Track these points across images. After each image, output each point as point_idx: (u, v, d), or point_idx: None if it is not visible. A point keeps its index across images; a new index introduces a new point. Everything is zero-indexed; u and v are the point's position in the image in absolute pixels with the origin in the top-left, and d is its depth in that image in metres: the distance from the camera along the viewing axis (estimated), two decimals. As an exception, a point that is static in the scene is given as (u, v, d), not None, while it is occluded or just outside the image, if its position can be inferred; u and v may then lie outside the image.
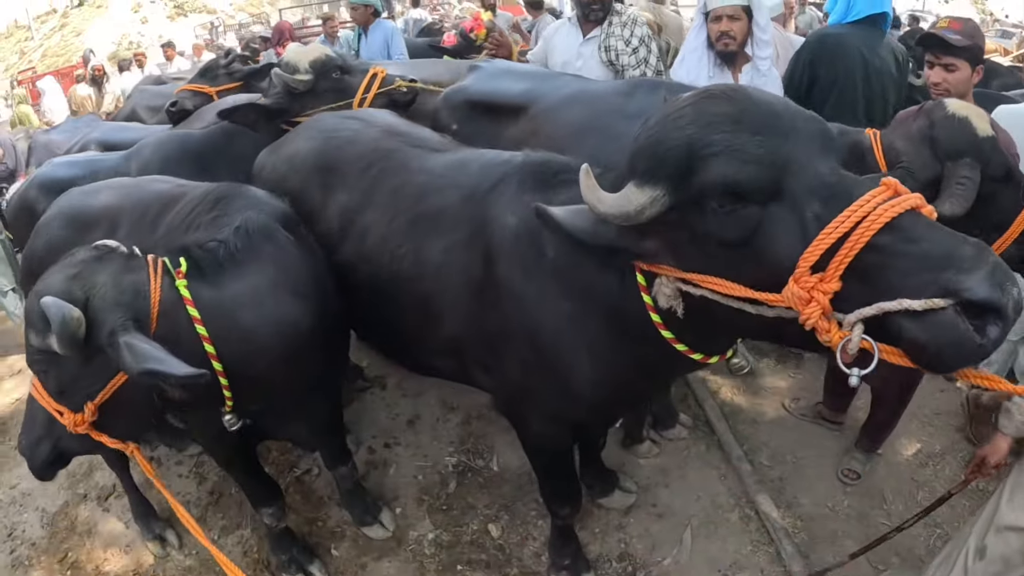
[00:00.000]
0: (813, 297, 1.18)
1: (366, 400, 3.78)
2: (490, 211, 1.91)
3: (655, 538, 2.86)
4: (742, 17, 3.06)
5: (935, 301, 1.07)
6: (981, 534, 2.07)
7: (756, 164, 1.21)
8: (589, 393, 1.93)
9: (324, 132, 2.60)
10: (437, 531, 2.95)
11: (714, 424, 3.38)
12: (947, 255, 1.10)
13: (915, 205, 1.16)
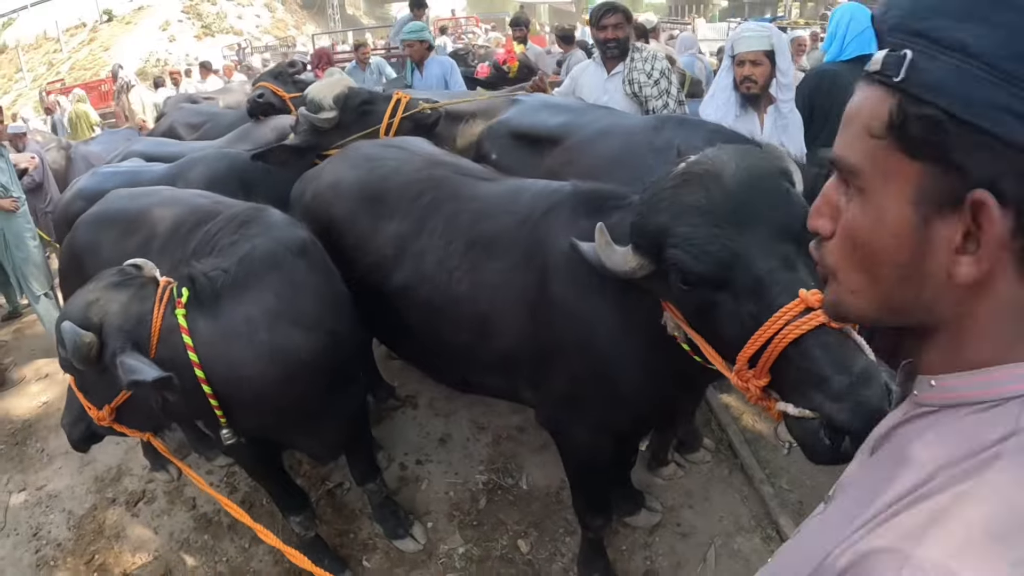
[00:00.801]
0: (749, 388, 1.43)
1: (397, 419, 3.88)
2: (545, 235, 2.05)
3: (680, 556, 2.93)
4: (764, 62, 3.19)
5: (807, 412, 1.32)
6: None
7: (706, 261, 1.42)
8: (633, 399, 2.06)
9: (368, 161, 2.74)
10: (468, 545, 3.04)
11: (737, 448, 3.46)
12: (823, 379, 1.30)
13: (820, 323, 1.32)
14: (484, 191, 2.39)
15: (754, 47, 3.16)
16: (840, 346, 1.33)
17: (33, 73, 27.81)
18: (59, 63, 27.89)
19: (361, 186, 2.64)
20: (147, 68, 25.42)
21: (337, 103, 3.28)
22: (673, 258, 1.46)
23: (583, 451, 2.41)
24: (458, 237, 2.28)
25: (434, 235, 2.35)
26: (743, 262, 1.39)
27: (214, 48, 26.09)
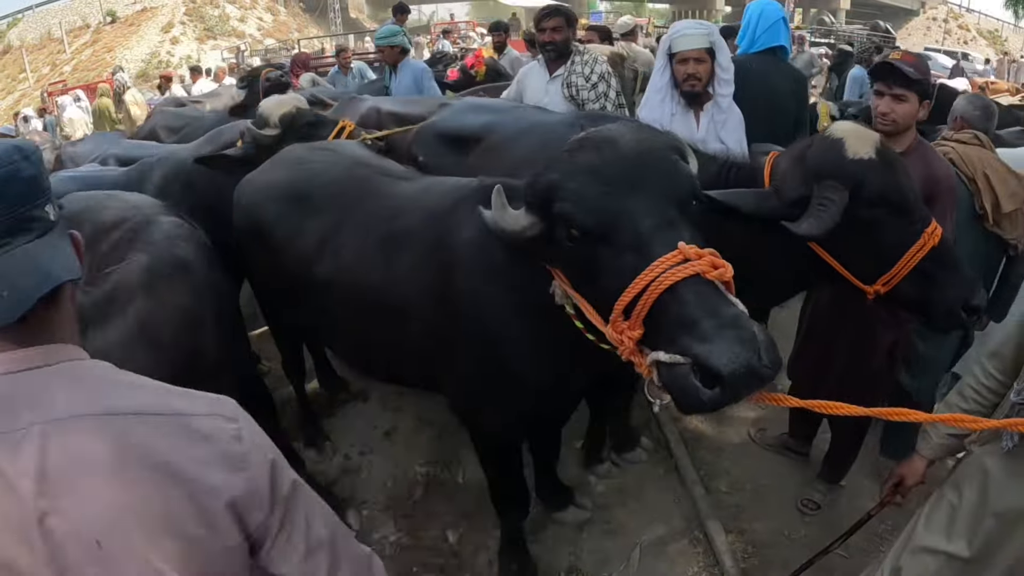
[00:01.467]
0: (623, 340, 1.44)
1: (348, 411, 3.98)
2: (450, 229, 2.15)
3: (604, 554, 2.99)
4: (706, 59, 3.20)
5: (678, 357, 1.32)
6: (897, 555, 2.09)
7: (589, 210, 1.49)
8: (533, 382, 2.14)
9: (297, 163, 2.85)
10: (399, 534, 3.12)
11: (673, 448, 3.52)
12: (693, 323, 1.32)
13: (695, 272, 1.37)
14: (400, 189, 2.50)
15: (695, 45, 3.16)
16: (713, 295, 1.38)
17: (37, 74, 28.06)
18: (62, 64, 28.14)
19: (288, 187, 2.74)
20: (149, 70, 25.66)
21: (283, 122, 3.36)
22: (561, 211, 1.53)
23: (491, 438, 2.50)
24: (373, 233, 2.38)
25: (352, 231, 2.45)
26: (627, 217, 1.46)
27: (215, 51, 26.36)
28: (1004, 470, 1.79)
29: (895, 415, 1.42)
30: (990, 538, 1.81)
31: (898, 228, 2.01)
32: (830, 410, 1.40)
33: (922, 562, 1.97)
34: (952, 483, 1.96)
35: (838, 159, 2.00)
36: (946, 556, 1.90)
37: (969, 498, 1.87)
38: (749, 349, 1.26)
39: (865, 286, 2.09)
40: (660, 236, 1.43)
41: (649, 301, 1.38)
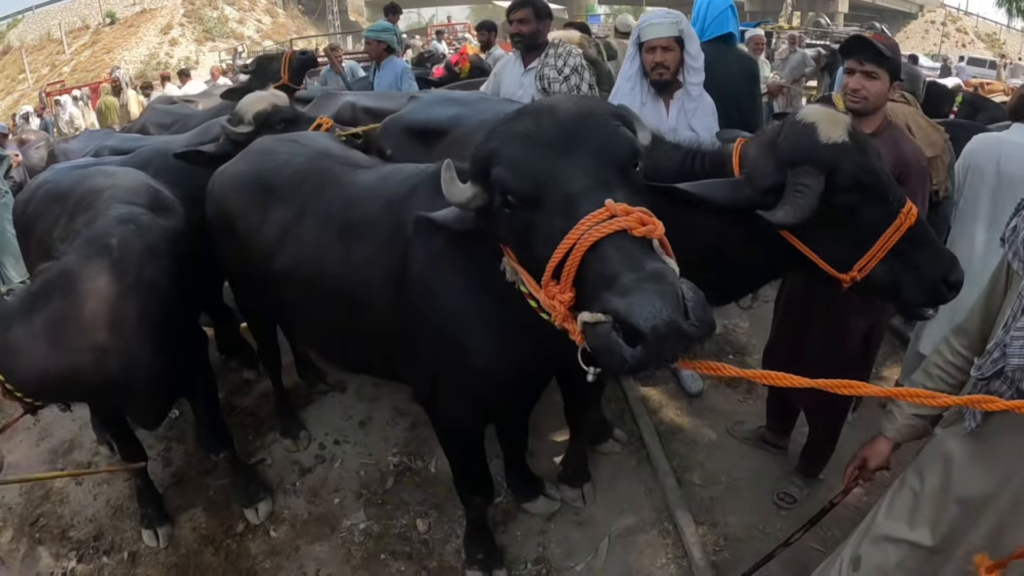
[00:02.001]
0: (554, 304, 1.39)
1: (325, 402, 4.00)
2: (406, 215, 2.13)
3: (572, 545, 3.00)
4: (675, 48, 3.19)
5: (600, 316, 1.25)
6: (856, 544, 2.00)
7: (521, 175, 1.46)
8: (491, 368, 2.13)
9: (262, 154, 2.88)
10: (369, 522, 3.14)
11: (646, 440, 3.53)
12: (613, 278, 1.27)
13: (621, 227, 1.32)
14: (360, 178, 2.51)
15: (663, 33, 3.16)
16: (638, 249, 1.32)
17: (36, 74, 28.15)
18: (62, 64, 28.24)
19: (253, 178, 2.76)
20: (148, 71, 25.74)
21: (257, 119, 3.39)
22: (497, 177, 1.51)
23: (452, 426, 2.50)
24: (333, 220, 2.39)
25: (313, 220, 2.46)
26: (559, 181, 1.43)
27: (214, 52, 26.45)
28: (966, 453, 1.71)
29: (844, 388, 1.33)
30: (954, 526, 1.74)
31: (873, 211, 1.96)
32: (770, 380, 1.32)
33: (883, 551, 1.89)
34: (914, 468, 1.89)
35: (812, 144, 1.94)
36: (908, 545, 1.83)
37: (931, 484, 1.79)
38: (672, 304, 1.19)
39: (840, 274, 2.03)
40: (589, 197, 1.38)
41: (575, 261, 1.33)
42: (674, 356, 1.23)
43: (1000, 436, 1.62)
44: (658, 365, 1.24)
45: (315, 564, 2.98)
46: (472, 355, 2.12)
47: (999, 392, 1.54)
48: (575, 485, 3.21)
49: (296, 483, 3.42)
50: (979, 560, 1.57)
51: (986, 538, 1.67)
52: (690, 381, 4.01)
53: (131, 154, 3.97)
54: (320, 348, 2.95)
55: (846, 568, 1.99)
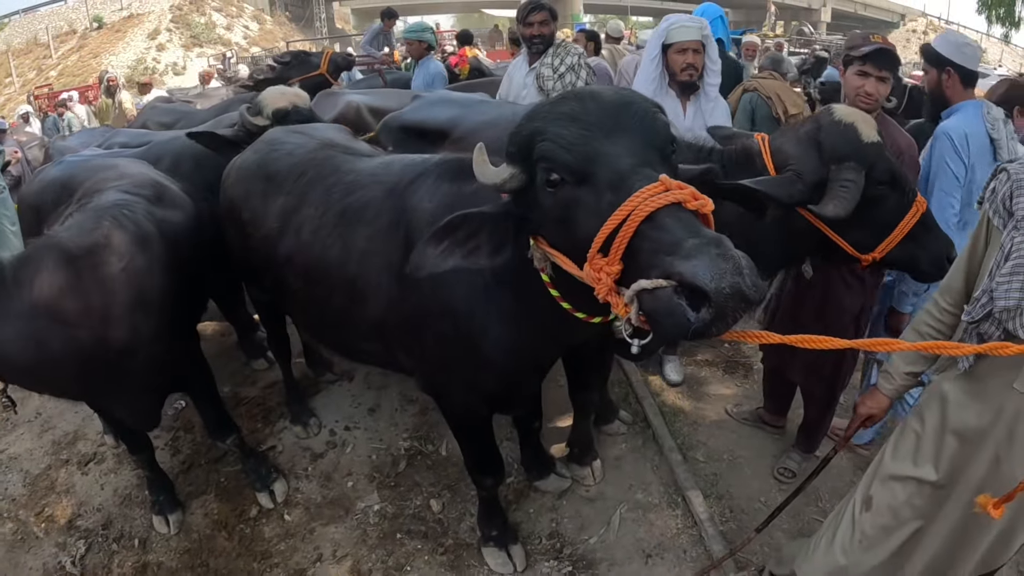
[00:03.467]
0: (600, 277, 1.38)
1: (333, 390, 4.05)
2: (409, 201, 2.17)
3: (584, 520, 3.07)
4: (701, 51, 3.34)
5: (660, 281, 1.24)
6: (867, 485, 2.14)
7: (569, 151, 1.47)
8: (500, 359, 2.16)
9: (268, 144, 2.94)
10: (383, 504, 3.19)
11: (651, 420, 3.62)
12: (675, 243, 1.26)
13: (677, 200, 1.33)
14: (361, 165, 2.54)
15: (693, 36, 3.29)
16: (694, 220, 1.34)
17: (23, 78, 27.91)
18: (49, 68, 28.02)
19: (258, 167, 2.82)
20: (135, 76, 25.61)
21: (275, 116, 3.45)
22: (541, 152, 1.50)
23: (460, 413, 2.56)
24: (332, 207, 2.42)
25: (312, 207, 2.50)
26: (607, 158, 1.44)
27: (201, 58, 26.36)
28: (961, 391, 1.88)
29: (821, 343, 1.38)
30: (954, 461, 1.89)
31: (897, 201, 2.21)
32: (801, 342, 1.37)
33: (891, 489, 2.03)
34: (916, 412, 2.04)
35: (855, 142, 2.15)
36: (915, 482, 1.97)
37: (931, 423, 1.95)
38: (735, 268, 1.20)
39: (863, 255, 2.27)
40: (640, 172, 1.40)
41: (629, 231, 1.33)
42: (735, 318, 1.23)
43: (990, 373, 1.80)
44: (721, 328, 1.23)
45: (331, 545, 3.03)
46: (482, 346, 2.14)
47: (988, 333, 1.74)
48: (584, 463, 3.28)
49: (308, 468, 3.47)
50: (983, 500, 1.70)
51: (986, 470, 1.83)
52: (672, 372, 4.10)
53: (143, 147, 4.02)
54: (322, 336, 2.95)
55: (859, 508, 2.14)
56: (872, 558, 2.09)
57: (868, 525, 2.09)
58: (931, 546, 2.00)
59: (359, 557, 2.95)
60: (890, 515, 2.04)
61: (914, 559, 2.04)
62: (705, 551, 2.89)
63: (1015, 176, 1.72)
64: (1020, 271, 1.64)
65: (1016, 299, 1.64)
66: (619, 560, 2.88)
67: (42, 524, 3.30)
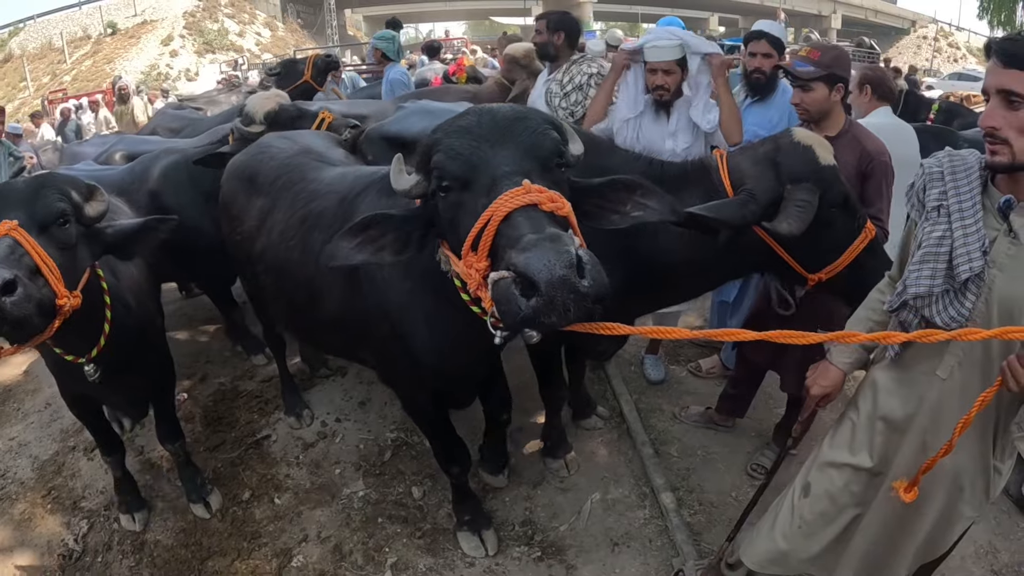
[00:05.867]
0: (471, 272, 1.51)
1: (327, 385, 4.24)
2: (355, 211, 2.34)
3: (556, 508, 3.24)
4: (676, 71, 3.34)
5: (504, 273, 1.35)
6: (805, 473, 2.21)
7: (456, 159, 1.62)
8: (431, 360, 2.33)
9: (259, 147, 3.19)
10: (367, 490, 3.38)
11: (626, 414, 3.78)
12: (518, 239, 1.37)
13: (532, 201, 1.46)
14: (325, 174, 2.76)
15: (665, 57, 3.31)
16: (544, 219, 1.44)
17: (37, 83, 28.42)
18: (62, 73, 28.51)
19: (245, 168, 3.08)
20: (148, 81, 26.03)
21: (267, 118, 3.67)
22: (435, 162, 1.65)
23: (412, 406, 2.78)
24: (297, 212, 2.64)
25: (282, 211, 2.72)
26: (488, 166, 1.57)
27: (214, 64, 26.74)
28: (889, 379, 1.97)
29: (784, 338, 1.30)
30: (886, 447, 1.96)
31: (847, 225, 2.30)
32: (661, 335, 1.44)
33: (828, 476, 2.10)
34: (852, 402, 2.13)
35: (813, 165, 2.24)
36: (851, 468, 2.05)
37: (864, 411, 2.04)
38: (566, 262, 1.28)
39: (810, 275, 2.36)
40: (510, 179, 1.52)
41: (491, 230, 1.44)
42: (566, 310, 1.29)
43: (915, 361, 1.90)
44: (552, 319, 1.30)
45: (316, 527, 3.21)
46: (413, 346, 2.31)
47: (907, 321, 1.84)
48: (557, 456, 3.45)
49: (299, 456, 3.66)
50: (897, 485, 1.82)
51: (914, 457, 1.90)
52: (652, 370, 4.24)
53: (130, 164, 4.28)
54: (293, 329, 3.20)
55: (798, 495, 2.21)
56: (812, 544, 2.15)
57: (807, 511, 2.15)
58: (869, 533, 2.05)
59: (342, 539, 3.13)
60: (828, 501, 2.10)
61: (852, 546, 2.09)
62: (670, 541, 3.04)
63: (928, 170, 1.83)
64: (929, 259, 1.74)
65: (927, 286, 1.73)
66: (587, 547, 3.04)
67: (48, 505, 3.50)
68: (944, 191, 1.77)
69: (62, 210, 2.19)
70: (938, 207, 1.77)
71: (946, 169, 1.80)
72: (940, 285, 1.72)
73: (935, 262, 1.72)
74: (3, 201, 2.11)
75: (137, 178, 3.98)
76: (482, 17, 51.99)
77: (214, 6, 31.81)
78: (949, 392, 1.83)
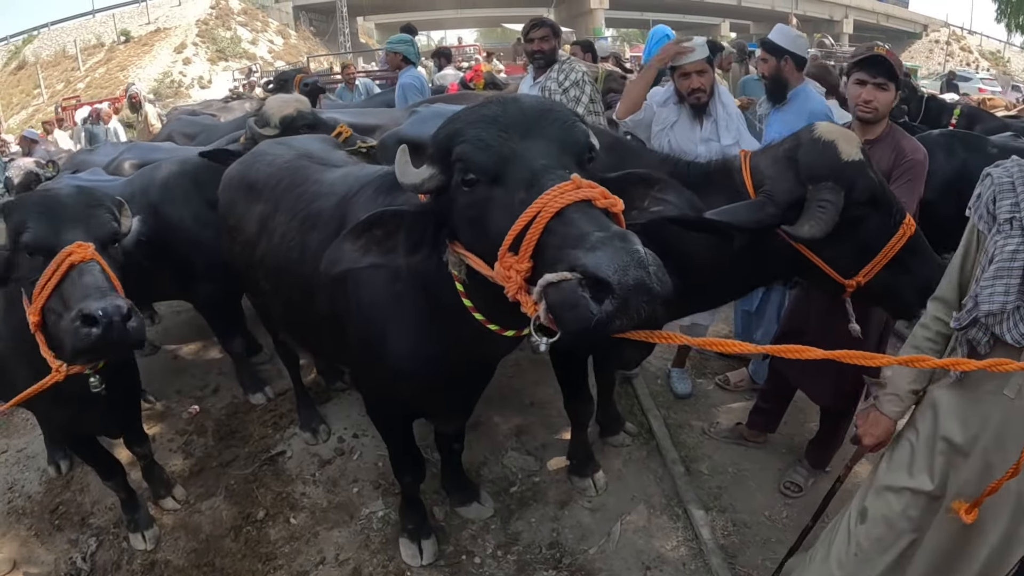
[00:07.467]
0: (510, 275, 1.37)
1: (343, 399, 4.12)
2: (351, 211, 2.24)
3: (585, 530, 3.09)
4: (708, 70, 3.32)
5: (565, 274, 1.22)
6: (862, 498, 2.13)
7: (485, 150, 1.47)
8: (410, 365, 2.19)
9: (254, 155, 3.10)
10: (387, 510, 3.24)
11: (656, 431, 3.63)
12: (581, 237, 1.26)
13: (586, 197, 1.34)
14: (325, 176, 2.65)
15: (697, 56, 3.28)
16: (603, 216, 1.33)
17: (51, 90, 28.64)
18: (76, 81, 28.72)
19: (242, 177, 3.01)
20: (161, 89, 26.18)
21: (283, 123, 3.56)
22: (459, 153, 1.51)
23: (375, 414, 2.72)
24: (298, 214, 2.55)
25: (283, 214, 2.63)
26: (521, 159, 1.45)
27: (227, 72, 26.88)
28: (952, 398, 1.89)
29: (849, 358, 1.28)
30: (947, 468, 1.88)
31: (880, 223, 2.14)
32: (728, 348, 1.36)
33: (886, 501, 2.02)
34: (910, 423, 2.04)
35: (833, 161, 2.09)
36: (910, 492, 1.96)
37: (924, 432, 1.95)
38: (639, 261, 1.19)
39: (845, 280, 2.20)
40: (553, 172, 1.40)
41: (539, 228, 1.32)
42: (640, 313, 1.20)
43: (981, 380, 1.81)
44: (624, 323, 1.21)
45: (334, 549, 3.07)
46: (393, 350, 2.18)
47: (977, 339, 1.75)
48: (584, 475, 3.31)
49: (316, 473, 3.53)
50: (957, 505, 1.73)
51: (978, 478, 1.81)
52: (678, 383, 4.11)
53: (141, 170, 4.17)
54: (291, 334, 3.15)
55: (854, 520, 2.11)
56: (868, 571, 2.07)
57: (863, 537, 2.07)
58: (927, 558, 1.98)
59: (361, 561, 2.99)
60: (885, 526, 2.02)
61: (910, 571, 2.03)
62: (704, 565, 2.89)
63: (997, 180, 1.74)
64: (1003, 274, 1.65)
65: (1000, 303, 1.65)
66: (617, 571, 2.89)
67: (56, 521, 3.39)
68: (1016, 202, 1.69)
69: (115, 230, 2.22)
70: (1011, 219, 1.69)
71: (1017, 179, 1.72)
72: (1013, 301, 1.65)
73: (1008, 277, 1.65)
74: (59, 218, 2.13)
75: (138, 189, 3.84)
76: (494, 24, 52.12)
77: (227, 14, 32.03)
78: (1017, 412, 1.75)
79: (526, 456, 3.57)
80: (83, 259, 2.04)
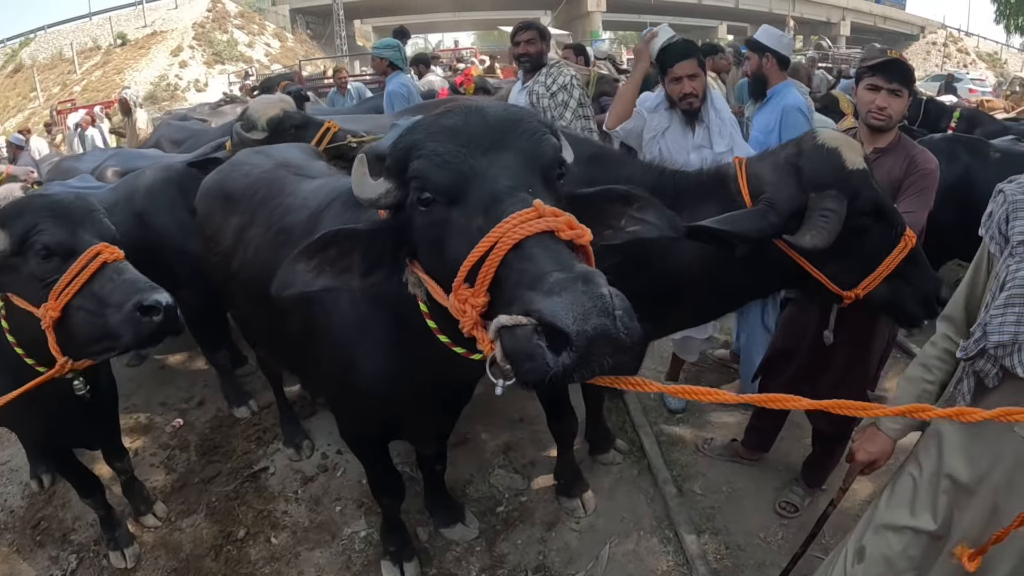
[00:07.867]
0: (465, 309, 1.24)
1: (327, 414, 3.94)
2: (318, 226, 2.15)
3: (572, 553, 3.00)
4: (700, 74, 3.23)
5: (520, 319, 1.09)
6: (859, 535, 2.01)
7: (442, 167, 1.34)
8: (377, 386, 2.09)
9: (231, 165, 3.03)
10: (370, 530, 3.16)
11: (647, 450, 3.55)
12: (539, 277, 1.12)
13: (549, 228, 1.20)
14: (301, 188, 2.57)
15: (662, 37, 3.28)
16: (566, 252, 1.20)
17: (47, 93, 28.54)
18: (72, 84, 28.63)
19: (219, 187, 2.94)
20: (157, 92, 26.11)
21: (270, 125, 3.48)
22: (415, 170, 1.38)
23: (349, 436, 2.64)
24: (272, 227, 2.48)
25: (259, 226, 2.55)
26: (482, 178, 1.32)
27: (223, 75, 26.81)
28: (959, 434, 1.75)
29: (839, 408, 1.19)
30: (950, 507, 1.76)
31: (882, 234, 2.07)
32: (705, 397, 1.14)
33: (885, 539, 1.91)
34: (913, 456, 1.93)
35: (838, 169, 2.02)
36: (912, 532, 1.85)
37: (927, 467, 1.83)
38: (602, 307, 1.05)
39: (844, 292, 2.12)
40: (514, 196, 1.27)
41: (495, 260, 1.19)
42: (603, 365, 1.07)
43: None
44: (586, 374, 1.08)
45: (315, 570, 2.99)
46: (359, 371, 2.10)
47: (984, 371, 1.61)
48: (572, 495, 3.22)
49: (298, 491, 3.45)
50: (959, 551, 1.61)
51: (984, 519, 1.68)
52: (672, 398, 4.01)
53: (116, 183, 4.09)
54: (267, 349, 3.09)
55: (851, 560, 1.99)
56: None
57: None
58: None
59: (342, 584, 2.91)
60: (884, 566, 1.89)
61: None
62: (695, 590, 2.80)
63: (1011, 198, 1.61)
64: (1015, 302, 1.51)
65: (1011, 333, 1.51)
66: (606, 597, 2.80)
67: (38, 537, 3.32)
68: None
69: (115, 234, 2.29)
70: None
71: None
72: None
73: (1021, 306, 1.50)
74: (73, 221, 2.18)
75: (122, 197, 3.77)
76: (490, 27, 52.07)
77: (223, 17, 31.94)
78: None
79: (513, 474, 3.49)
80: (116, 259, 2.14)
